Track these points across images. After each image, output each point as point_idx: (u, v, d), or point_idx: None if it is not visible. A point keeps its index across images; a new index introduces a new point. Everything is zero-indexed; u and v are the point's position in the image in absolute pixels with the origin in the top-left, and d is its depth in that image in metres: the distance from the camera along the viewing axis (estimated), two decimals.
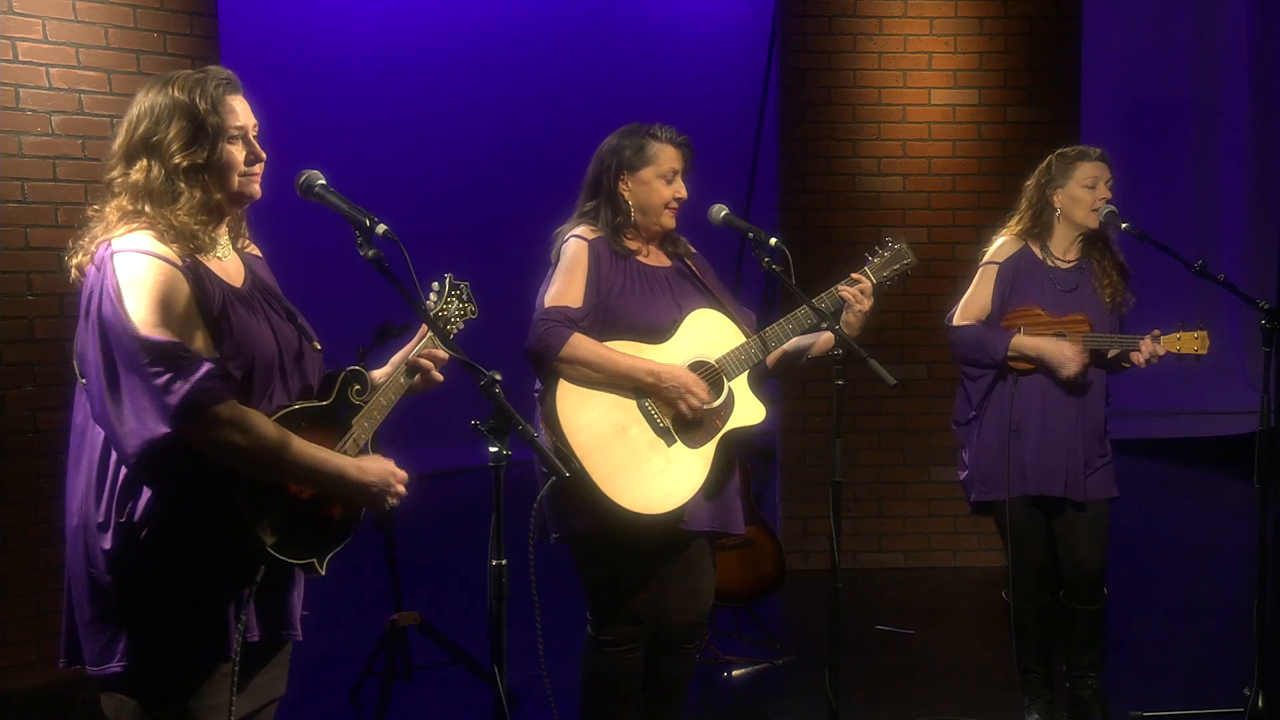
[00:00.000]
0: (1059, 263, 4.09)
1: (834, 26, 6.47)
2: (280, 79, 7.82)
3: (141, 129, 2.40)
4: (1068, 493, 4.02)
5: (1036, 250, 4.12)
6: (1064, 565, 4.13)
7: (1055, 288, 4.06)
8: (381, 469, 2.49)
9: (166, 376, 2.23)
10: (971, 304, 4.16)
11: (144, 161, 2.39)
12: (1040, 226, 4.13)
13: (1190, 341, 3.91)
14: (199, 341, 2.32)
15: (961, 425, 4.21)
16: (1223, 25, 10.97)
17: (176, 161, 2.38)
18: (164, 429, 2.24)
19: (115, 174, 2.42)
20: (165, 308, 2.28)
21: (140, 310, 2.27)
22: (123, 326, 2.26)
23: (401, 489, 2.52)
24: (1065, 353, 3.95)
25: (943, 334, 6.42)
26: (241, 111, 2.45)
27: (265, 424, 2.33)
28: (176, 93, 2.40)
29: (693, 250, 3.62)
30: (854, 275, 3.51)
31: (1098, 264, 4.08)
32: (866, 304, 3.46)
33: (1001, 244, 4.18)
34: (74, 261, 2.42)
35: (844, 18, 6.46)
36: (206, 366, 2.26)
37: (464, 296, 2.84)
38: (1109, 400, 4.14)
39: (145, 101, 2.42)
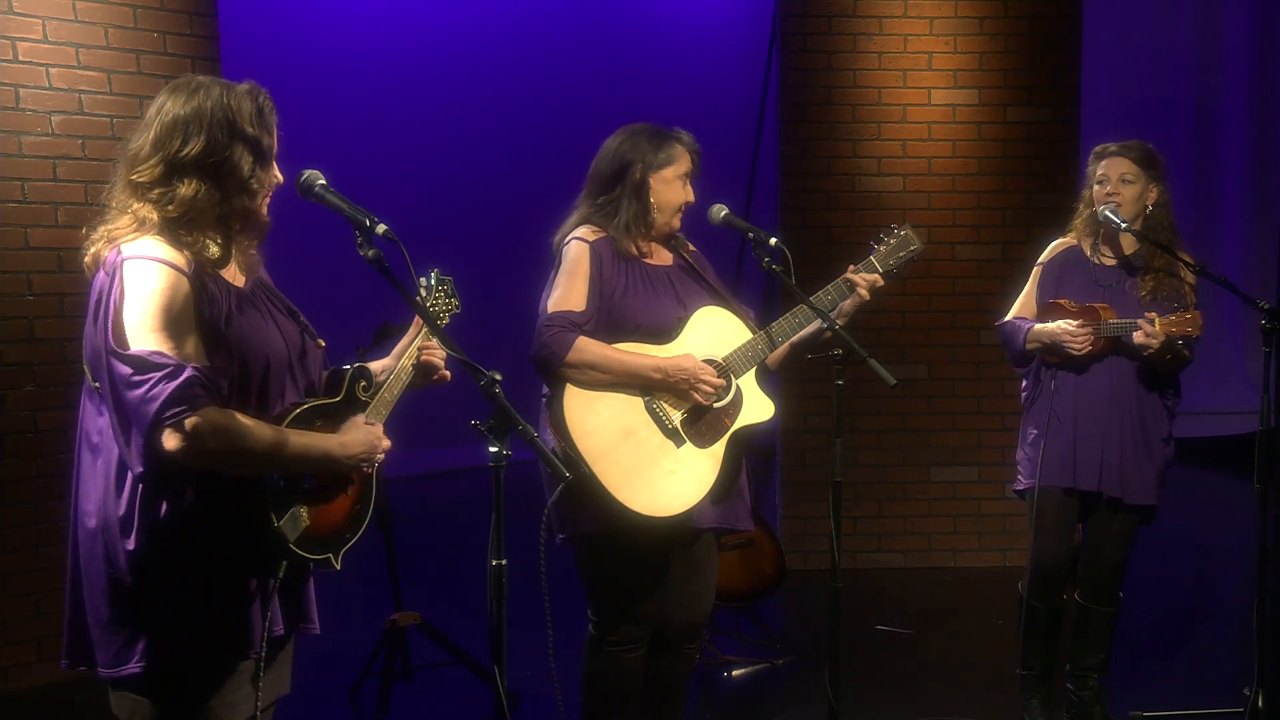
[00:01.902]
0: (1105, 259, 4.10)
1: (834, 26, 6.47)
2: (280, 79, 7.76)
3: (196, 147, 2.36)
4: (1103, 487, 4.02)
5: (1086, 248, 4.13)
6: (1083, 562, 4.14)
7: (1094, 283, 4.07)
8: (364, 439, 2.48)
9: (145, 386, 2.23)
10: (1020, 305, 4.22)
11: (195, 181, 2.36)
12: (1089, 225, 4.13)
13: (1183, 322, 3.90)
14: (192, 349, 2.31)
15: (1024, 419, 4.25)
16: (1223, 25, 10.95)
17: (232, 186, 2.38)
18: (144, 441, 2.24)
19: (147, 176, 2.37)
20: (164, 316, 2.28)
21: (136, 321, 2.27)
22: (115, 340, 2.27)
23: (385, 443, 2.53)
24: (1067, 333, 3.94)
25: (943, 334, 6.50)
26: (275, 136, 2.46)
27: (245, 424, 2.31)
28: (231, 102, 2.38)
29: (692, 248, 3.63)
30: (862, 271, 3.50)
31: (1147, 260, 4.07)
32: (867, 294, 3.48)
33: (1055, 244, 4.23)
34: (93, 249, 2.39)
35: (844, 18, 6.46)
36: (188, 373, 2.24)
37: (449, 291, 2.85)
38: (1170, 404, 4.11)
39: (192, 105, 2.38)
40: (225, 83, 2.45)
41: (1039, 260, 4.23)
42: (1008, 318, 4.21)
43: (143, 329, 2.26)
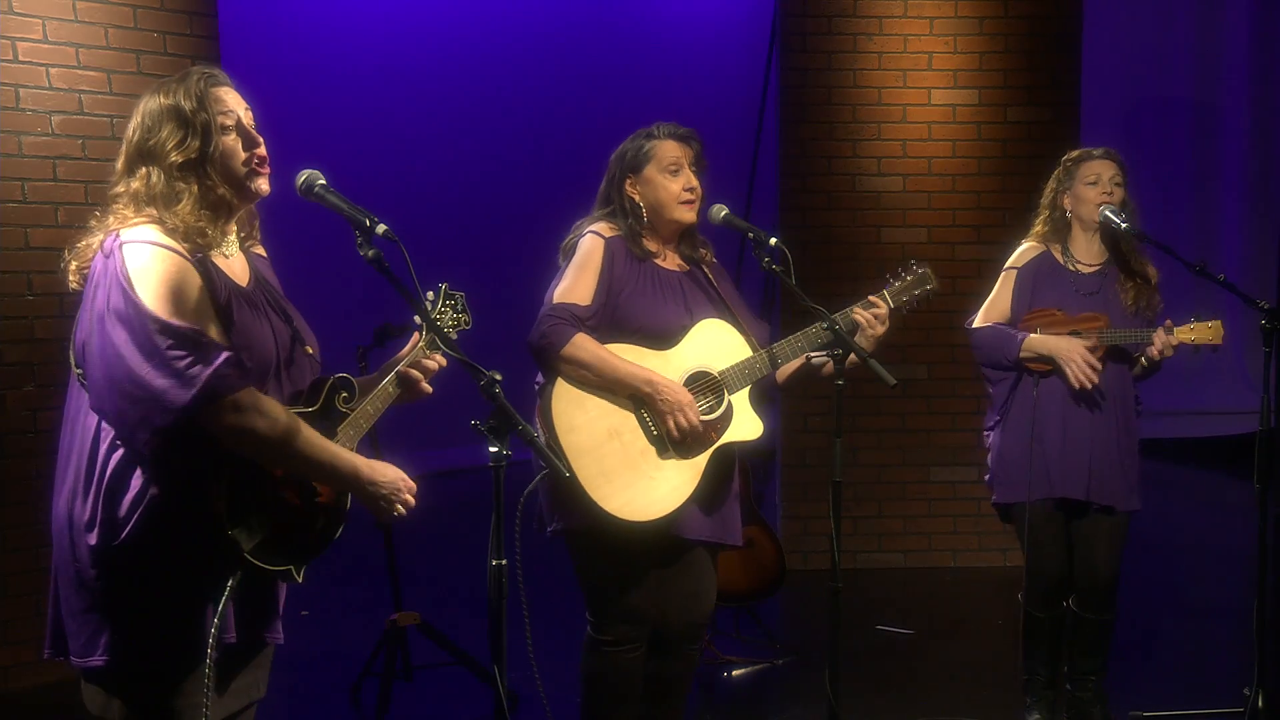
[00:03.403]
0: (1080, 266, 4.09)
1: (834, 26, 6.47)
2: (280, 79, 7.81)
3: (137, 138, 2.44)
4: (1090, 496, 4.00)
5: (1058, 254, 4.12)
6: (1078, 571, 4.10)
7: (1076, 291, 4.05)
8: (394, 475, 2.51)
9: (188, 360, 2.25)
10: (992, 309, 4.16)
11: (143, 169, 2.42)
12: (1058, 231, 4.13)
13: (1204, 331, 3.90)
14: (213, 332, 2.34)
15: (988, 428, 4.19)
16: (1223, 25, 10.95)
17: (173, 160, 2.40)
18: (181, 411, 2.24)
19: (120, 188, 2.45)
20: (178, 295, 2.30)
21: (154, 297, 2.28)
22: (139, 312, 2.27)
23: (410, 499, 2.53)
24: (1073, 350, 3.92)
25: (943, 334, 6.49)
26: (230, 101, 2.47)
27: (284, 412, 2.35)
28: (163, 98, 2.44)
29: (713, 260, 3.61)
30: (872, 299, 3.48)
31: (1121, 267, 4.07)
32: (880, 329, 3.44)
33: (1022, 249, 4.19)
34: (72, 265, 2.44)
35: (844, 18, 6.46)
36: (225, 354, 2.29)
37: (459, 307, 2.84)
38: (1139, 408, 4.11)
39: (138, 114, 2.46)
40: (174, 76, 2.50)
41: (1008, 265, 4.18)
42: (979, 322, 4.16)
43: (165, 309, 2.28)
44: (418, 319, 2.66)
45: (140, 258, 2.32)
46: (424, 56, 9.09)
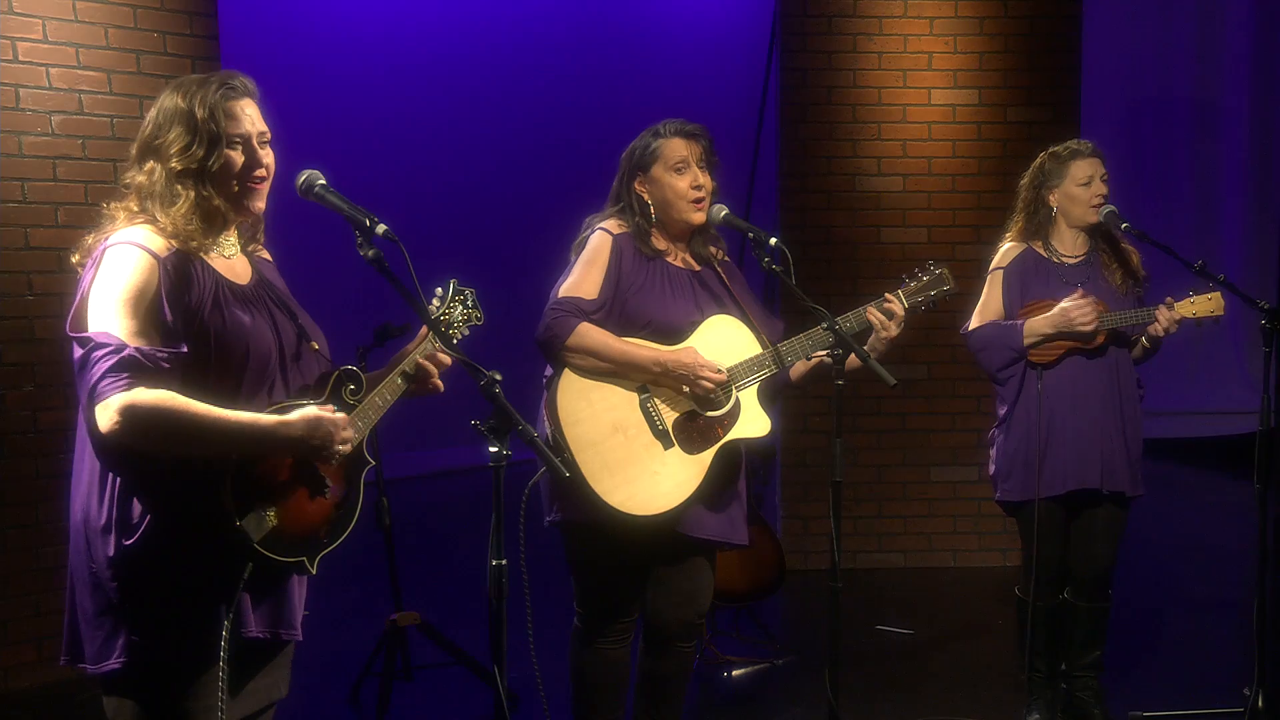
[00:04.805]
0: (1065, 259, 4.09)
1: (834, 26, 6.47)
2: (280, 79, 7.77)
3: (148, 132, 2.46)
4: (1103, 484, 4.00)
5: (1041, 250, 4.11)
6: (1075, 560, 4.11)
7: (1065, 283, 4.04)
8: (307, 419, 2.37)
9: (88, 366, 2.28)
10: (984, 311, 4.14)
11: (150, 163, 2.44)
12: (1040, 226, 4.12)
13: (1204, 304, 3.89)
14: (147, 330, 2.32)
15: (998, 425, 4.17)
16: (1223, 25, 10.95)
17: (174, 165, 2.42)
18: (84, 418, 2.28)
19: (128, 178, 2.47)
20: (124, 296, 2.32)
21: (98, 303, 2.32)
22: (74, 324, 2.34)
23: (347, 433, 2.42)
24: (1066, 309, 3.89)
25: (943, 334, 6.48)
26: (245, 119, 2.45)
27: (176, 401, 2.28)
28: (180, 99, 2.44)
29: (725, 257, 3.60)
30: (887, 295, 3.44)
31: (1105, 256, 4.08)
32: (894, 331, 3.38)
33: (1005, 249, 4.18)
34: (74, 260, 2.47)
35: (844, 18, 6.46)
36: (126, 353, 2.27)
37: (469, 302, 2.83)
38: (1141, 393, 4.11)
39: (156, 108, 2.47)
40: (199, 76, 2.51)
41: (994, 266, 4.16)
42: (974, 325, 4.14)
43: (101, 310, 2.32)
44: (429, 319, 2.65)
45: (111, 262, 2.35)
46: (424, 56, 9.09)
